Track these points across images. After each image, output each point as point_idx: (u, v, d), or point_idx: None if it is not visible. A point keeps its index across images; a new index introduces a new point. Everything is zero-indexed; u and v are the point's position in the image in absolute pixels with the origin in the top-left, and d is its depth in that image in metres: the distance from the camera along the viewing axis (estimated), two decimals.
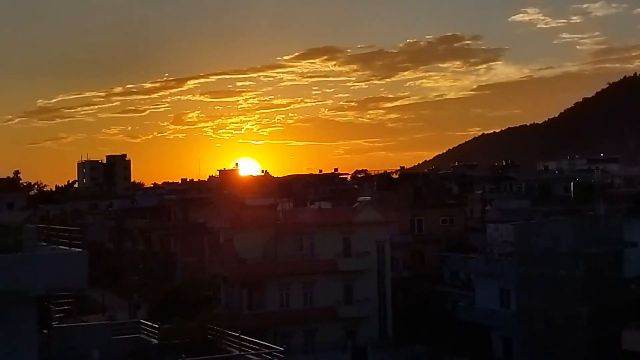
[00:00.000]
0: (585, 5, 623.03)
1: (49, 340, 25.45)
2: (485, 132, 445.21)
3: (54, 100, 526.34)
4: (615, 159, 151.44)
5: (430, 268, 79.09)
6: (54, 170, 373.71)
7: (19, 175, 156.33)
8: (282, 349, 25.93)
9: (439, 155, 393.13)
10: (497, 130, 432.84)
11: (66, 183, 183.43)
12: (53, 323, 26.61)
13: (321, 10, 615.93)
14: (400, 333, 68.71)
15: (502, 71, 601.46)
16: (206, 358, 25.74)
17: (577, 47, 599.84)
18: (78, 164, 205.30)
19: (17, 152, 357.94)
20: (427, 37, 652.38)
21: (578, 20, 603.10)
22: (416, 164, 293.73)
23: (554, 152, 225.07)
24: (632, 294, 51.57)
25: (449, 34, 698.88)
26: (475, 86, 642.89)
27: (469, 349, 60.88)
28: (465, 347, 61.28)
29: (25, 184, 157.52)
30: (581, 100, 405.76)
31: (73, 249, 21.85)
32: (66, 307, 29.05)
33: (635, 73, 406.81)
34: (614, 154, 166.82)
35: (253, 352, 26.34)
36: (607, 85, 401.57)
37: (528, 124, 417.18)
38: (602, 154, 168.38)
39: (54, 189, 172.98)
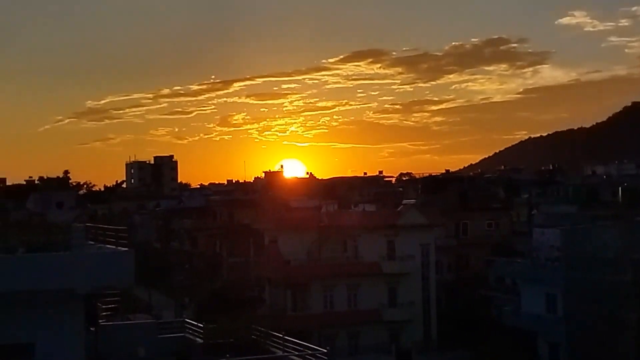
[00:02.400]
0: (634, 9, 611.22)
1: (96, 338, 25.83)
2: (532, 136, 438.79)
3: (103, 101, 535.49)
4: None
5: (475, 272, 78.37)
6: (102, 170, 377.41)
7: (68, 175, 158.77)
8: (326, 350, 25.95)
9: (485, 158, 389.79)
10: (544, 134, 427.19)
11: (114, 183, 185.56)
12: (100, 320, 27.00)
13: (366, 13, 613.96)
14: (445, 337, 68.30)
15: (549, 74, 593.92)
16: (250, 358, 25.87)
17: (626, 50, 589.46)
18: (126, 164, 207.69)
19: (67, 152, 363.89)
20: (472, 40, 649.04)
21: (626, 24, 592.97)
22: (462, 168, 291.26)
23: (601, 157, 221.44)
24: None
25: (495, 36, 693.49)
26: (521, 89, 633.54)
27: (514, 355, 60.15)
28: (511, 352, 60.57)
29: (74, 184, 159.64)
30: (630, 104, 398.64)
31: (120, 248, 22.11)
32: (113, 305, 29.46)
33: None
34: None
35: (297, 353, 26.43)
36: None
37: (575, 128, 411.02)
38: None
39: (102, 189, 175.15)
